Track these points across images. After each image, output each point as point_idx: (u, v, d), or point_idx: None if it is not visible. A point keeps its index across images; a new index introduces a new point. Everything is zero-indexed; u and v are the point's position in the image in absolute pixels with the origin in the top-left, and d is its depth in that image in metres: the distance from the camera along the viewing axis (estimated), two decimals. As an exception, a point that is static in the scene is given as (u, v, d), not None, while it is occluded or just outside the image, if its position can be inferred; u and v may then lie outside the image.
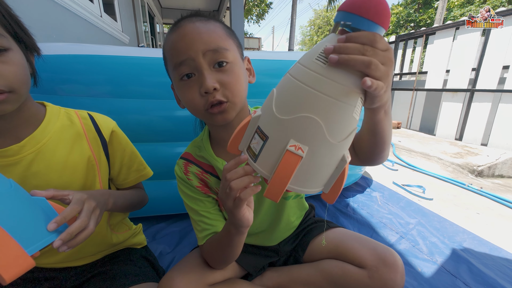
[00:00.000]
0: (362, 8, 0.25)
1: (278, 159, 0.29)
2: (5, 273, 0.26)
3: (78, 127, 0.50)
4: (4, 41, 0.36)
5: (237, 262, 0.56)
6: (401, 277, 0.49)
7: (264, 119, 0.31)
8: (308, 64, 0.28)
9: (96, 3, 2.84)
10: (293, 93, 0.28)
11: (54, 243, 0.33)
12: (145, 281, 0.53)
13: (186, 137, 0.92)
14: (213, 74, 0.41)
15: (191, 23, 0.42)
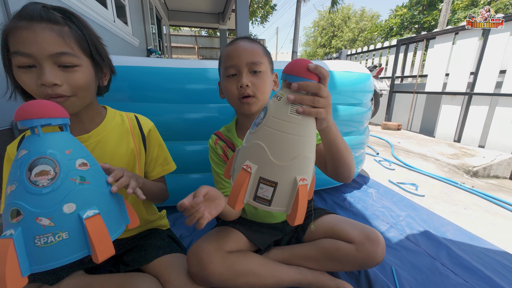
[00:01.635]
0: (292, 70, 0.38)
1: (292, 194, 0.38)
2: (100, 257, 0.36)
3: (127, 125, 0.63)
4: (75, 60, 0.48)
5: (248, 239, 0.68)
6: (381, 250, 0.60)
7: (265, 170, 0.37)
8: (287, 118, 0.37)
9: (110, 9, 2.99)
10: (287, 142, 0.37)
11: (112, 188, 0.43)
12: (174, 252, 0.65)
13: (196, 136, 1.03)
14: (248, 76, 0.61)
15: (242, 41, 0.63)
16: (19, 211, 0.34)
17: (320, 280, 0.66)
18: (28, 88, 0.47)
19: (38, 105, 0.37)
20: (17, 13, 0.46)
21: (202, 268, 0.54)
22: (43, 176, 0.35)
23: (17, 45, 0.44)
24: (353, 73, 1.17)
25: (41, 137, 0.36)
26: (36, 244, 0.34)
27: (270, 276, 0.62)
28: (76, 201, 0.36)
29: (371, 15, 22.45)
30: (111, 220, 0.40)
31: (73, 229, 0.36)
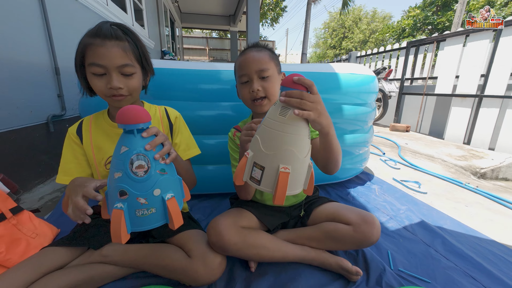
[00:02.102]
0: (284, 83, 0.50)
1: (276, 178, 0.48)
2: (176, 225, 0.51)
3: (158, 116, 0.76)
4: (133, 69, 0.64)
5: (259, 220, 0.77)
6: (377, 231, 0.68)
7: (258, 156, 0.50)
8: (275, 118, 0.49)
9: (129, 13, 3.17)
10: (273, 137, 0.49)
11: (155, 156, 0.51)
12: (194, 229, 0.76)
13: (211, 131, 1.14)
14: (259, 82, 0.72)
15: (251, 51, 0.74)
16: (124, 191, 0.48)
17: (321, 257, 0.74)
18: (99, 90, 0.62)
19: (135, 112, 0.48)
20: (93, 31, 0.60)
21: (220, 238, 0.64)
22: (140, 169, 0.48)
23: (94, 58, 0.59)
24: (358, 75, 1.25)
25: (137, 138, 0.49)
26: (136, 214, 0.49)
27: (278, 250, 0.71)
28: (161, 187, 0.50)
29: (383, 16, 22.11)
30: (179, 199, 0.54)
31: (159, 206, 0.50)
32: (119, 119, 0.47)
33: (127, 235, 0.48)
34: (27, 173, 1.31)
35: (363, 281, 0.70)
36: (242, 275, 0.72)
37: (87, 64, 0.61)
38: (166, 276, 0.68)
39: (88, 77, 0.62)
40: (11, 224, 0.76)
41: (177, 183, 0.55)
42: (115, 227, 0.46)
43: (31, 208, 0.95)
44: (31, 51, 1.38)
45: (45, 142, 1.44)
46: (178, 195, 0.54)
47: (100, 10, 2.28)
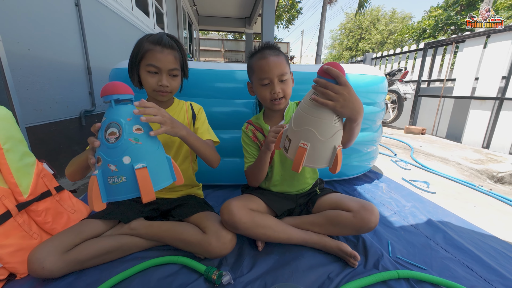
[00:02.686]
0: (318, 72, 0.57)
1: (296, 150, 0.59)
2: (144, 199, 0.52)
3: (184, 109, 0.89)
4: (177, 72, 0.81)
5: (267, 205, 0.85)
6: (375, 218, 0.74)
7: (289, 131, 0.63)
8: (305, 101, 0.60)
9: (152, 17, 3.36)
10: (300, 117, 0.60)
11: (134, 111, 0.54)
12: (210, 211, 0.85)
13: (225, 126, 1.24)
14: (279, 84, 0.81)
15: (271, 56, 0.80)
16: (99, 158, 0.51)
17: (323, 241, 0.81)
18: (150, 85, 0.77)
19: (112, 86, 0.51)
20: (155, 40, 0.75)
21: (231, 217, 0.73)
22: (112, 135, 0.51)
23: (152, 60, 0.75)
24: (367, 76, 1.30)
25: (114, 108, 0.52)
26: (109, 182, 0.51)
27: (283, 232, 0.79)
28: (131, 155, 0.51)
29: (402, 16, 21.42)
30: (156, 174, 0.54)
31: (129, 176, 0.51)
32: (102, 92, 0.52)
33: (101, 204, 0.50)
34: (63, 160, 1.47)
35: (361, 264, 0.76)
36: (250, 253, 0.81)
37: (145, 64, 0.75)
38: (183, 248, 0.78)
39: (143, 73, 0.77)
40: (55, 200, 0.90)
41: (160, 159, 0.56)
42: (89, 193, 0.49)
43: (68, 190, 1.09)
44: (70, 53, 1.56)
45: (78, 134, 1.61)
46: (158, 171, 0.55)
47: (126, 15, 2.47)
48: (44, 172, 0.90)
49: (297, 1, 13.23)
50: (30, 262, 0.62)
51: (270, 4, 4.58)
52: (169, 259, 0.75)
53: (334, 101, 0.55)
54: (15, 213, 0.72)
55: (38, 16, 1.30)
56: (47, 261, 0.62)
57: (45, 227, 0.81)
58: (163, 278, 0.69)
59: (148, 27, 3.12)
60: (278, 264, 0.76)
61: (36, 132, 1.27)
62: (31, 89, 1.25)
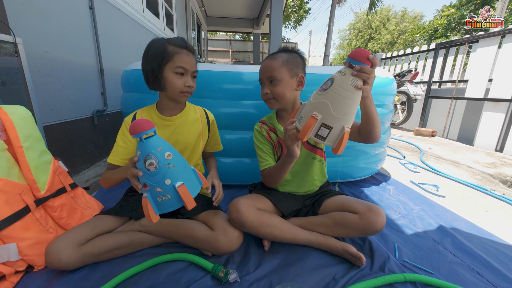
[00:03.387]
0: (356, 57, 0.57)
1: (339, 136, 0.62)
2: (189, 207, 0.62)
3: (198, 115, 0.91)
4: (196, 74, 0.85)
5: (274, 205, 0.86)
6: (381, 220, 0.74)
7: (327, 118, 0.61)
8: (347, 87, 0.58)
9: (161, 19, 3.43)
10: (344, 103, 0.59)
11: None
12: (218, 209, 0.87)
13: (234, 127, 1.25)
14: (268, 86, 0.84)
15: (267, 59, 0.85)
16: (145, 184, 0.62)
17: (328, 242, 0.81)
18: (177, 86, 0.79)
19: (139, 124, 0.60)
20: (180, 43, 0.79)
21: (239, 214, 0.75)
22: (151, 165, 0.60)
23: (181, 62, 0.78)
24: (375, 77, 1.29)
25: (145, 143, 0.61)
26: (158, 200, 0.62)
27: (289, 232, 0.80)
28: (170, 178, 0.62)
29: (413, 16, 20.96)
30: (190, 185, 0.65)
31: (172, 193, 0.62)
32: (130, 131, 0.60)
33: (156, 216, 0.62)
34: (76, 158, 1.53)
35: (367, 266, 0.76)
36: (257, 252, 0.82)
37: (174, 66, 0.78)
38: (192, 245, 0.80)
39: (169, 75, 0.79)
40: (70, 196, 0.94)
41: (189, 173, 0.67)
42: (145, 211, 0.61)
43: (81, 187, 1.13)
44: (84, 55, 1.61)
45: (91, 133, 1.67)
46: (191, 183, 0.66)
47: (138, 17, 2.53)
48: (60, 169, 0.94)
49: (305, 1, 13.17)
50: (47, 254, 0.65)
51: (278, 5, 4.59)
52: (178, 256, 0.77)
53: (370, 84, 0.59)
54: (33, 208, 0.75)
55: (55, 19, 1.36)
56: (63, 254, 0.65)
57: (60, 222, 0.85)
58: (172, 274, 0.72)
59: (158, 28, 3.18)
60: (283, 263, 0.77)
61: (52, 131, 1.32)
62: (48, 89, 1.30)
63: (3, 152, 0.72)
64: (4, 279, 0.66)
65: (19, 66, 1.00)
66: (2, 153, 0.71)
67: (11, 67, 0.98)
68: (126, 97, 1.31)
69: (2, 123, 0.75)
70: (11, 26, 1.01)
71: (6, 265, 0.67)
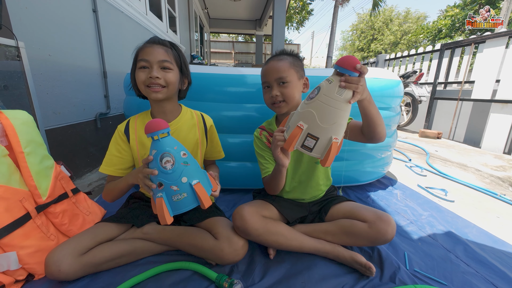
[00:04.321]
0: (343, 65, 0.54)
1: (327, 147, 0.59)
2: (206, 205, 0.63)
3: (195, 120, 0.87)
4: (171, 65, 0.78)
5: (279, 212, 0.84)
6: (391, 229, 0.71)
7: (313, 128, 0.59)
8: (333, 96, 0.56)
9: (164, 21, 3.43)
10: (330, 113, 0.57)
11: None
12: (221, 216, 0.85)
13: (237, 130, 1.23)
14: (278, 88, 0.80)
15: (273, 61, 0.82)
16: (161, 183, 0.61)
17: (336, 251, 0.79)
18: (141, 80, 0.75)
19: (155, 123, 0.60)
20: (146, 41, 0.76)
21: (243, 223, 0.73)
22: (168, 163, 0.60)
23: (142, 55, 0.75)
24: (381, 80, 1.26)
25: (161, 142, 0.61)
26: (173, 200, 0.61)
27: (295, 240, 0.78)
28: (187, 175, 0.62)
29: (416, 16, 20.84)
30: (205, 185, 0.65)
31: (188, 191, 0.62)
32: (146, 130, 0.60)
33: (170, 218, 0.61)
34: (79, 162, 1.52)
35: (377, 276, 0.73)
36: (262, 260, 0.80)
37: (137, 62, 0.75)
38: (195, 254, 0.77)
39: (136, 73, 0.76)
40: (72, 202, 0.92)
41: (202, 174, 0.68)
42: (160, 211, 0.60)
43: (83, 191, 1.12)
44: (87, 58, 1.61)
45: (94, 137, 1.66)
46: (204, 182, 0.66)
47: (141, 19, 2.53)
48: (61, 174, 0.92)
49: (308, 3, 13.15)
50: (47, 264, 0.63)
51: (281, 6, 4.57)
52: (181, 265, 0.75)
53: (363, 92, 0.57)
54: (34, 215, 0.74)
55: (59, 22, 1.35)
56: (64, 264, 0.63)
57: (61, 228, 0.84)
58: (175, 283, 0.70)
59: (161, 30, 3.18)
60: (290, 273, 0.75)
61: (55, 135, 1.31)
62: (50, 93, 1.30)
63: (4, 158, 0.70)
64: (4, 289, 0.64)
65: (21, 70, 0.99)
66: (3, 159, 0.70)
67: (14, 71, 0.97)
68: (129, 100, 1.30)
69: (4, 128, 0.74)
70: (14, 30, 1.00)
71: (6, 274, 0.66)
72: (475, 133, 3.02)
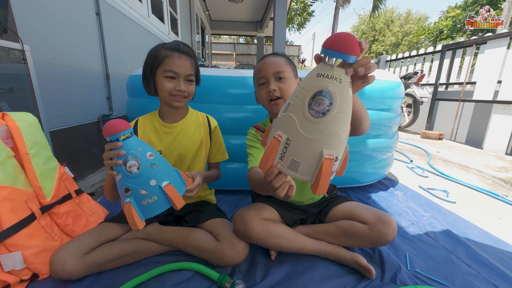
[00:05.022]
0: (340, 47, 0.37)
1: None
2: (178, 206, 0.61)
3: (200, 121, 0.89)
4: (193, 78, 0.81)
5: (279, 214, 0.84)
6: (392, 231, 0.71)
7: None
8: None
9: (166, 24, 3.46)
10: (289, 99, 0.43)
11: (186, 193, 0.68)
12: (222, 218, 0.85)
13: (238, 131, 1.24)
14: (275, 83, 0.77)
15: (269, 57, 0.79)
16: (128, 188, 0.57)
17: (337, 252, 0.79)
18: (167, 90, 0.77)
19: (114, 125, 0.56)
20: (172, 47, 0.77)
21: (244, 226, 0.73)
22: (133, 167, 0.57)
23: (170, 66, 0.76)
24: (382, 81, 1.27)
25: (123, 144, 0.57)
26: (143, 204, 0.58)
27: (296, 242, 0.78)
28: (155, 178, 0.58)
29: (417, 17, 20.84)
30: (176, 185, 0.63)
31: (159, 194, 0.59)
32: (104, 133, 0.56)
33: (142, 222, 0.58)
34: (82, 163, 1.53)
35: (378, 277, 0.74)
36: (263, 261, 0.80)
37: (163, 70, 0.76)
38: (197, 255, 0.78)
39: (159, 79, 0.77)
40: (75, 202, 0.93)
41: (173, 173, 0.65)
42: (130, 217, 0.57)
43: (86, 192, 1.13)
44: (90, 60, 1.62)
45: (96, 138, 1.67)
46: (176, 182, 0.63)
47: (143, 22, 2.55)
48: (65, 175, 0.93)
49: (309, 4, 13.20)
50: (52, 264, 0.64)
51: (282, 8, 4.59)
52: (183, 265, 0.75)
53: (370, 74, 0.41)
54: (38, 216, 0.75)
55: (63, 25, 1.37)
56: (68, 263, 0.64)
57: (65, 229, 0.85)
58: (177, 284, 0.70)
59: (163, 33, 3.21)
60: (291, 274, 0.75)
61: (59, 136, 1.33)
62: (54, 95, 1.31)
63: (10, 159, 0.72)
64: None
65: (26, 73, 1.00)
66: (9, 160, 0.71)
67: (19, 73, 0.98)
68: (132, 102, 1.31)
69: (9, 130, 0.75)
70: (20, 33, 1.02)
71: (11, 274, 0.67)
72: (477, 134, 3.01)
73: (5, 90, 0.96)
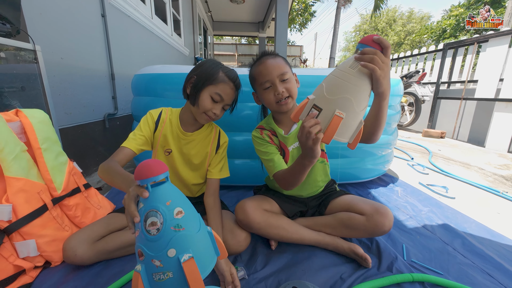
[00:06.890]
0: (362, 41, 0.56)
1: (329, 120, 0.53)
2: None
3: (212, 134, 0.91)
4: (229, 107, 0.86)
5: (279, 206, 0.87)
6: (389, 221, 0.74)
7: (318, 99, 0.56)
8: (344, 69, 0.55)
9: (169, 25, 3.51)
10: (337, 84, 0.54)
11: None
12: (225, 209, 0.89)
13: (241, 128, 1.27)
14: (281, 84, 0.78)
15: (268, 59, 0.80)
16: (141, 252, 0.44)
17: (335, 242, 0.82)
18: (205, 108, 0.79)
19: (147, 167, 0.44)
20: (232, 76, 0.82)
21: (246, 216, 0.76)
22: (153, 226, 0.43)
23: (221, 91, 0.79)
24: (381, 78, 1.29)
25: (151, 192, 0.45)
26: (154, 279, 0.44)
27: (295, 232, 0.81)
28: (176, 247, 0.43)
29: (420, 16, 20.73)
30: (202, 259, 0.46)
31: (175, 270, 0.43)
32: (136, 175, 0.45)
33: None
34: (88, 160, 1.58)
35: (375, 266, 0.76)
36: (264, 251, 0.83)
37: (214, 91, 0.79)
38: (200, 244, 0.81)
39: (205, 95, 0.79)
40: (84, 196, 0.97)
41: (203, 238, 0.48)
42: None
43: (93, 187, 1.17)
44: (96, 61, 1.67)
45: (102, 136, 1.72)
46: (204, 253, 0.47)
47: (147, 23, 2.60)
48: (74, 170, 0.98)
49: (310, 5, 13.22)
50: (65, 249, 0.68)
51: (283, 8, 4.62)
52: (187, 254, 0.78)
53: (380, 69, 0.52)
54: (50, 207, 0.79)
55: (69, 27, 1.42)
56: (79, 249, 0.68)
57: (75, 220, 0.89)
58: (182, 271, 0.73)
59: (166, 34, 3.26)
60: (291, 262, 0.78)
61: (67, 134, 1.37)
62: (63, 94, 1.36)
63: (24, 153, 0.76)
64: (24, 274, 0.69)
65: (37, 72, 1.05)
66: (23, 154, 0.75)
67: (31, 73, 1.03)
68: (136, 100, 1.35)
69: (23, 125, 0.80)
70: (30, 35, 1.07)
71: (26, 260, 0.71)
72: (479, 133, 3.01)
73: (17, 88, 1.00)
